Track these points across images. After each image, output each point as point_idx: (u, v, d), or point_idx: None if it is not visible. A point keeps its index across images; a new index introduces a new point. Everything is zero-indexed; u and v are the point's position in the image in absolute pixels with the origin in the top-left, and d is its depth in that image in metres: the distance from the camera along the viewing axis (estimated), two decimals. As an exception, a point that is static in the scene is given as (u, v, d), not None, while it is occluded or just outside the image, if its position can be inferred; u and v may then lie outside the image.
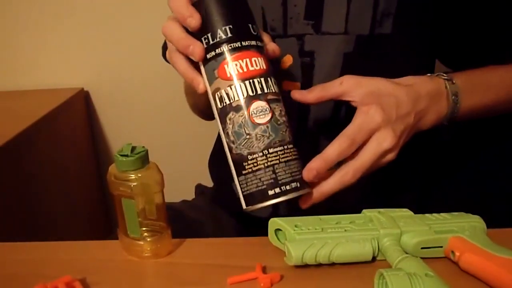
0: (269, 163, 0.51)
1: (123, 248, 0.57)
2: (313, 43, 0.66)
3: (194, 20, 0.52)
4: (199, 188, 0.89)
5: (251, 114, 0.51)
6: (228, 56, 0.52)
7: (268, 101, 0.52)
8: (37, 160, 1.10)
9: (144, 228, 0.55)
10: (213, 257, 0.55)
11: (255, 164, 0.51)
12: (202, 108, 0.86)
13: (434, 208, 0.61)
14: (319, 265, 0.51)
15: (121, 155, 0.52)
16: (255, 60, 0.52)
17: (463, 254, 0.49)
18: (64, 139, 1.24)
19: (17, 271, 0.55)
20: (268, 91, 0.52)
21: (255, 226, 0.75)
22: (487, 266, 0.48)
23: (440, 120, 0.61)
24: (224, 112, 0.53)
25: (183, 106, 1.27)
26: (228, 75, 0.52)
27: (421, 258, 0.49)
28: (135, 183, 0.52)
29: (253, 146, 0.51)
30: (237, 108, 0.52)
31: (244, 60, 0.52)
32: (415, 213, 0.56)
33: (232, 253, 0.55)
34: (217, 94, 0.53)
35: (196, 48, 0.52)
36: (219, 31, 0.52)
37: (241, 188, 0.53)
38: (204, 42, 0.53)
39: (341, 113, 0.68)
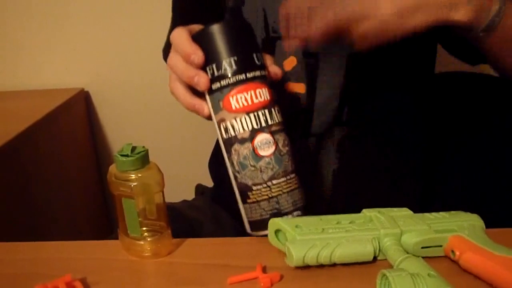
0: (272, 194, 0.53)
1: (123, 248, 0.57)
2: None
3: (197, 57, 0.53)
4: (199, 188, 0.90)
5: (256, 147, 0.53)
6: (233, 89, 0.53)
7: (272, 133, 0.53)
8: (37, 160, 1.10)
9: (144, 228, 0.55)
10: (213, 257, 0.55)
11: (259, 195, 0.53)
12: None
13: (433, 208, 0.61)
14: (319, 265, 0.51)
15: (121, 155, 0.52)
16: (259, 92, 0.53)
17: (463, 253, 0.49)
18: (64, 139, 1.24)
19: (17, 271, 0.55)
20: (272, 122, 0.54)
21: None
22: (487, 264, 0.48)
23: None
24: (229, 143, 0.54)
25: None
26: (234, 108, 0.53)
27: (421, 257, 0.49)
28: (135, 183, 0.52)
29: (257, 178, 0.53)
30: (242, 141, 0.53)
31: (249, 93, 0.53)
32: (414, 212, 0.56)
33: (232, 253, 0.55)
34: (222, 125, 0.54)
35: (201, 79, 0.53)
36: (224, 62, 0.53)
37: (245, 214, 0.56)
38: (209, 72, 0.54)
39: (343, 115, 0.69)
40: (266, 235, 0.54)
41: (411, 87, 0.73)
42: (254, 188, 0.54)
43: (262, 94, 0.53)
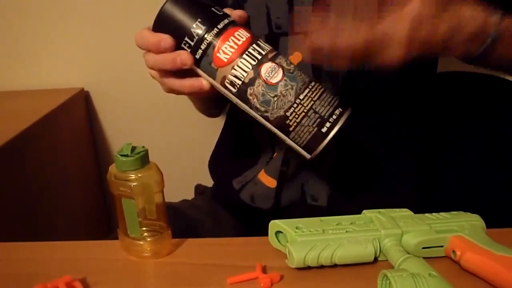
0: (307, 108, 0.53)
1: (123, 248, 0.57)
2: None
3: (165, 41, 0.54)
4: (199, 188, 0.90)
5: (266, 79, 0.53)
6: (215, 45, 0.54)
7: (272, 59, 0.54)
8: (37, 160, 1.10)
9: (144, 228, 0.55)
10: (213, 257, 0.55)
11: (297, 116, 0.53)
12: (206, 106, 0.87)
13: (434, 208, 0.61)
14: (320, 265, 0.51)
15: (121, 155, 0.52)
16: (238, 34, 0.54)
17: (464, 253, 0.49)
18: (64, 139, 1.24)
19: (17, 271, 0.55)
20: (266, 51, 0.54)
21: (254, 223, 0.75)
22: (488, 264, 0.48)
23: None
24: (242, 92, 0.54)
25: (183, 106, 1.28)
26: (225, 60, 0.54)
27: (422, 257, 0.49)
28: (135, 183, 0.52)
29: (285, 103, 0.53)
30: (251, 81, 0.54)
31: (230, 39, 0.54)
32: (415, 212, 0.56)
33: (232, 253, 0.55)
34: (226, 82, 0.55)
35: (183, 55, 0.54)
36: (192, 30, 0.54)
37: (296, 144, 0.55)
38: (185, 47, 0.55)
39: None
40: (326, 144, 0.53)
41: (412, 88, 0.72)
42: (288, 113, 0.54)
43: (241, 34, 0.54)
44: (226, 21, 0.55)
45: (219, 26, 0.54)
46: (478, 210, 0.56)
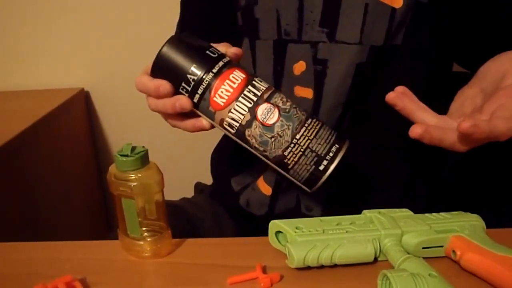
0: (304, 147, 0.54)
1: (123, 248, 0.57)
2: (327, 51, 0.66)
3: (163, 87, 0.56)
4: (199, 186, 0.90)
5: (262, 121, 0.54)
6: (211, 89, 0.55)
7: (267, 100, 0.54)
8: (37, 160, 1.10)
9: (144, 228, 0.55)
10: (213, 257, 0.55)
11: (294, 155, 0.54)
12: None
13: (434, 208, 0.61)
14: (320, 266, 0.51)
15: (121, 155, 0.52)
16: (233, 77, 0.55)
17: (464, 253, 0.49)
18: (64, 139, 1.24)
19: (17, 271, 0.55)
20: (261, 91, 0.55)
21: (249, 223, 0.75)
22: (489, 264, 0.47)
23: None
24: (240, 133, 0.55)
25: (183, 106, 1.28)
26: (222, 104, 0.55)
27: (422, 258, 0.49)
28: (135, 183, 0.52)
29: (282, 143, 0.54)
30: (248, 124, 0.54)
31: (226, 83, 0.54)
32: (415, 213, 0.56)
33: (232, 253, 0.55)
34: (225, 124, 0.56)
35: (181, 101, 0.56)
36: (188, 76, 0.55)
37: (296, 180, 0.56)
38: (183, 92, 0.56)
39: (344, 123, 0.68)
40: (326, 179, 0.54)
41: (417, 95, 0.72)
42: (286, 153, 0.54)
43: (236, 76, 0.55)
44: (220, 63, 0.55)
45: (213, 70, 0.54)
46: (478, 210, 0.56)
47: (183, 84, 0.55)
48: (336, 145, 0.55)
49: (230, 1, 0.72)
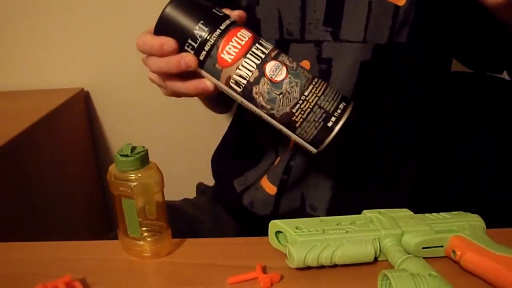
0: (312, 103, 0.54)
1: (123, 248, 0.57)
2: (331, 50, 0.66)
3: (168, 44, 0.54)
4: (200, 187, 0.90)
5: (271, 77, 0.54)
6: (218, 46, 0.54)
7: (275, 57, 0.54)
8: (37, 160, 1.10)
9: (144, 228, 0.55)
10: (213, 257, 0.55)
11: (303, 112, 0.54)
12: (215, 104, 0.87)
13: (433, 207, 0.61)
14: (320, 265, 0.51)
15: (121, 155, 0.52)
16: (240, 34, 0.55)
17: (464, 253, 0.49)
18: (64, 139, 1.24)
19: (17, 271, 0.55)
20: (268, 50, 0.55)
21: (254, 224, 0.75)
22: (489, 264, 0.48)
23: None
24: (247, 91, 0.55)
25: (183, 106, 1.27)
26: (230, 60, 0.54)
27: (423, 258, 0.49)
28: (135, 183, 0.52)
29: (291, 100, 0.54)
30: (256, 80, 0.54)
31: (233, 40, 0.54)
32: (415, 212, 0.56)
33: (232, 253, 0.55)
34: (231, 82, 0.55)
35: (187, 58, 0.54)
36: (195, 32, 0.54)
37: (302, 139, 0.56)
38: (189, 49, 0.55)
39: (350, 120, 0.68)
40: (332, 138, 0.54)
41: (420, 95, 0.72)
42: (294, 110, 0.54)
43: (244, 34, 0.55)
44: (227, 21, 0.55)
45: (221, 27, 0.54)
46: (478, 210, 0.56)
47: (189, 41, 0.54)
48: (343, 102, 0.55)
49: (230, 2, 0.72)
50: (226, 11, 0.57)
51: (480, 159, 0.84)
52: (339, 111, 0.54)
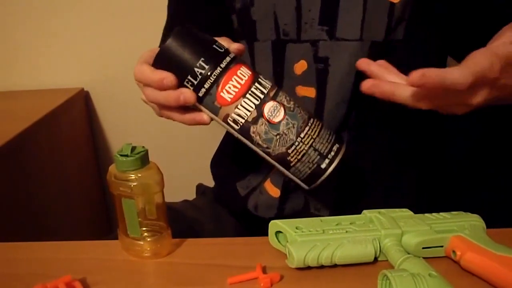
0: (307, 146, 0.55)
1: (123, 248, 0.57)
2: (328, 49, 0.66)
3: (168, 80, 0.54)
4: (200, 188, 0.89)
5: (269, 118, 0.54)
6: (218, 84, 0.54)
7: (273, 98, 0.55)
8: (37, 160, 1.10)
9: (144, 228, 0.55)
10: (213, 257, 0.55)
11: (298, 153, 0.55)
12: None
13: (433, 207, 0.61)
14: (320, 265, 0.51)
15: (121, 155, 0.52)
16: (240, 73, 0.55)
17: (464, 253, 0.49)
18: (64, 139, 1.24)
19: (17, 271, 0.55)
20: (268, 89, 0.55)
21: (256, 226, 0.75)
22: (489, 264, 0.47)
23: None
24: (244, 130, 0.55)
25: (183, 106, 1.27)
26: (229, 100, 0.54)
27: (423, 258, 0.49)
28: (135, 183, 0.52)
29: (287, 141, 0.55)
30: (254, 120, 0.55)
31: (233, 79, 0.54)
32: (415, 212, 0.56)
33: (232, 253, 0.55)
34: (229, 119, 0.55)
35: (187, 94, 0.55)
36: (195, 69, 0.54)
37: (296, 177, 0.57)
38: (188, 85, 0.55)
39: (349, 121, 0.68)
40: (325, 179, 0.56)
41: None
42: (289, 151, 0.55)
43: (243, 73, 0.55)
44: (228, 58, 0.55)
45: (221, 65, 0.54)
46: (478, 210, 0.56)
47: (189, 78, 0.54)
48: (337, 144, 0.56)
49: (224, 4, 0.72)
50: (224, 42, 0.57)
51: (479, 159, 0.84)
52: (332, 153, 0.55)
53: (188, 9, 0.79)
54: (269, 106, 0.54)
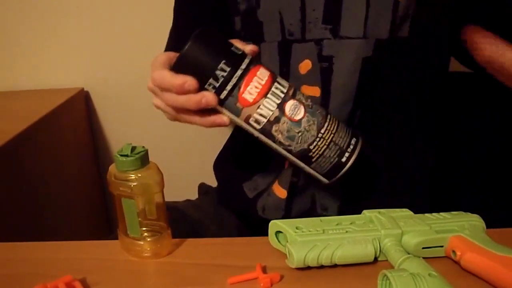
0: (328, 140, 0.56)
1: (123, 248, 0.57)
2: (332, 48, 0.66)
3: (190, 83, 0.55)
4: (203, 188, 0.89)
5: (290, 116, 0.55)
6: (240, 86, 0.55)
7: (293, 96, 0.56)
8: (37, 160, 1.10)
9: (144, 228, 0.55)
10: (213, 257, 0.55)
11: (319, 149, 0.56)
12: None
13: (433, 208, 0.61)
14: (320, 265, 0.51)
15: (121, 155, 0.52)
16: (260, 73, 0.56)
17: (464, 254, 0.49)
18: (64, 139, 1.24)
19: (17, 271, 0.55)
20: (287, 89, 0.56)
21: (261, 228, 0.75)
22: (489, 264, 0.48)
23: None
24: (267, 130, 0.56)
25: (183, 106, 1.27)
26: (251, 100, 0.55)
27: (423, 258, 0.49)
28: (135, 183, 0.52)
29: (309, 137, 0.56)
30: (277, 119, 0.56)
31: (254, 79, 0.55)
32: (415, 212, 0.56)
33: (232, 253, 0.55)
34: (251, 120, 0.56)
35: (209, 97, 0.55)
36: (217, 72, 0.55)
37: (317, 172, 0.58)
38: (210, 88, 0.55)
39: (355, 119, 0.68)
40: (345, 172, 0.57)
41: (424, 90, 0.72)
42: (311, 147, 0.56)
43: (263, 73, 0.56)
44: (247, 60, 0.55)
45: (242, 67, 0.55)
46: (478, 210, 0.56)
47: (210, 81, 0.55)
48: (354, 138, 0.58)
49: (226, 6, 0.72)
50: (238, 43, 0.57)
51: (480, 159, 0.84)
52: (351, 146, 0.57)
53: (189, 14, 0.79)
54: (290, 105, 0.55)
